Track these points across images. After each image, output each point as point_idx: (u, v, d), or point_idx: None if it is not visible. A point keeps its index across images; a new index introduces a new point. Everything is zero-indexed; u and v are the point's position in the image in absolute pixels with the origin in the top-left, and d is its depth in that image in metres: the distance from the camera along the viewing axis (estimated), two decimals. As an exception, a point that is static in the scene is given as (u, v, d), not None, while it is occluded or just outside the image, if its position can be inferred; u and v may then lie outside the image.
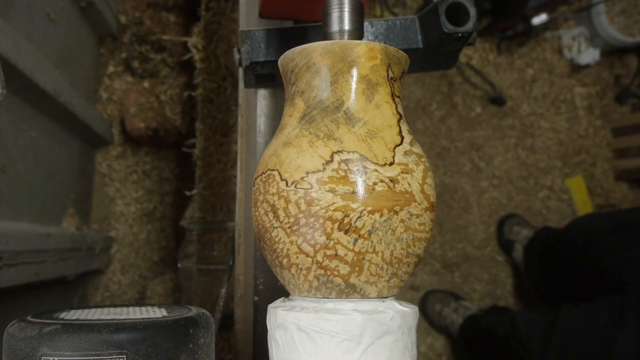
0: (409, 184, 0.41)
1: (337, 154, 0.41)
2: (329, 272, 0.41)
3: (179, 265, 1.48)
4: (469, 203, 1.94)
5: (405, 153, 0.42)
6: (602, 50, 2.01)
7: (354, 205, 0.40)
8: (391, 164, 0.41)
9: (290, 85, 0.46)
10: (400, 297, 0.48)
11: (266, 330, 0.45)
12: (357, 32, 0.46)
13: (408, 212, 0.41)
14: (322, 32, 0.47)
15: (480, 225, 1.93)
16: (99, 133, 1.67)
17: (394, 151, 0.41)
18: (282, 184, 0.41)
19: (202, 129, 1.44)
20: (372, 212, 0.40)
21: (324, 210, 0.40)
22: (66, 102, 1.35)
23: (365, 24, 0.61)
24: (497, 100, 1.97)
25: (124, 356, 0.42)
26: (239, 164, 0.82)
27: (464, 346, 1.71)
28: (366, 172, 0.40)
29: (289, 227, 0.41)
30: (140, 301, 1.75)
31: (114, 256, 1.80)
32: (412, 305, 0.45)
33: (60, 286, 1.47)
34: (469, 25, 0.55)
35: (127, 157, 1.84)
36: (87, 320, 0.44)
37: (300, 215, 0.41)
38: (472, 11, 0.55)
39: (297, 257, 0.41)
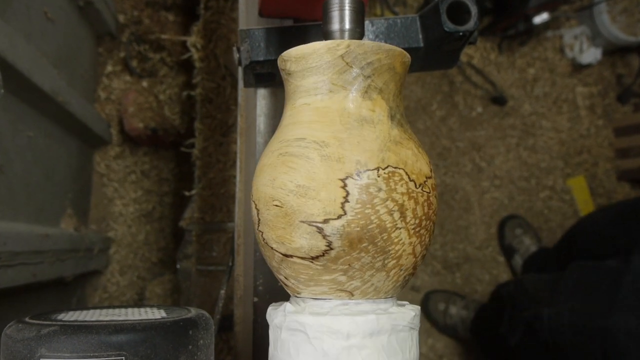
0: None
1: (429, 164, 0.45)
2: (414, 273, 0.45)
3: (178, 266, 1.48)
4: (470, 203, 1.94)
5: None
6: (603, 50, 2.00)
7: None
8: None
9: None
10: (401, 298, 0.48)
11: (266, 332, 0.45)
12: (358, 31, 0.46)
13: None
14: (322, 31, 0.47)
15: (482, 225, 1.93)
16: (97, 133, 1.67)
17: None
18: (412, 185, 0.41)
19: (201, 129, 1.44)
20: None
21: (435, 215, 0.44)
22: (64, 101, 1.35)
23: (366, 23, 0.60)
24: (499, 100, 1.97)
25: (123, 357, 0.41)
26: (238, 164, 0.81)
27: (477, 337, 1.72)
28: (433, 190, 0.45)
29: (413, 229, 0.42)
30: (139, 302, 1.74)
31: (113, 257, 1.80)
32: (414, 305, 0.45)
33: (59, 287, 1.47)
34: (470, 24, 0.55)
35: (126, 157, 1.83)
36: (86, 321, 0.44)
37: (423, 218, 0.42)
38: (474, 10, 0.55)
39: (407, 259, 0.42)
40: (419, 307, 0.45)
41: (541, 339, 1.28)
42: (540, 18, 1.87)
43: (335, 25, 0.45)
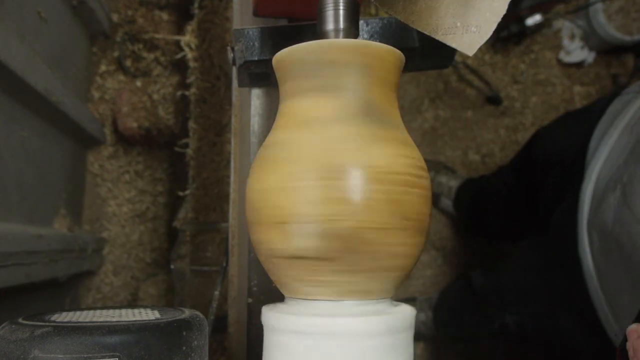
0: None
1: None
2: (409, 274, 0.46)
3: (172, 266, 1.48)
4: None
5: None
6: (599, 49, 2.01)
7: None
8: None
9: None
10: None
11: (260, 333, 0.45)
12: (353, 31, 0.46)
13: None
14: (317, 31, 0.47)
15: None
16: (91, 133, 1.67)
17: None
18: (401, 183, 0.43)
19: (195, 129, 1.44)
20: None
21: (426, 214, 0.44)
22: (58, 101, 1.35)
23: (361, 22, 0.60)
24: (494, 100, 1.97)
25: (116, 359, 0.41)
26: (232, 164, 0.81)
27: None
28: None
29: (404, 229, 0.42)
30: (133, 303, 1.74)
31: (106, 257, 1.79)
32: (409, 306, 0.45)
33: (52, 288, 1.46)
34: (466, 24, 0.55)
35: (120, 157, 1.83)
36: (79, 322, 0.44)
37: (414, 217, 0.43)
38: (469, 9, 0.55)
39: (399, 259, 0.43)
40: (414, 308, 0.45)
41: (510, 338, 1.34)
42: (533, 19, 1.87)
43: (329, 25, 0.45)
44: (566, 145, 1.23)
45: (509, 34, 1.95)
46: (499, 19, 0.44)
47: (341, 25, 0.45)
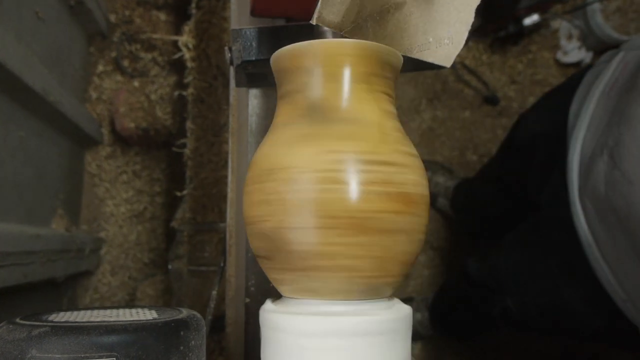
0: None
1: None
2: (405, 274, 0.45)
3: (170, 266, 1.48)
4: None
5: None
6: (597, 49, 2.01)
7: None
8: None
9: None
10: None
11: (258, 332, 0.45)
12: (350, 30, 0.46)
13: None
14: (314, 31, 0.47)
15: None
16: (89, 133, 1.66)
17: None
18: (380, 181, 0.42)
19: (192, 129, 1.44)
20: None
21: (413, 214, 0.44)
22: (55, 101, 1.35)
23: (358, 22, 0.60)
24: (491, 100, 1.97)
25: (114, 358, 0.41)
26: (230, 164, 0.81)
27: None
28: None
29: (388, 230, 0.42)
30: (130, 303, 1.74)
31: (104, 257, 1.79)
32: (405, 305, 0.45)
33: (50, 288, 1.46)
34: (463, 24, 0.55)
35: (117, 157, 1.83)
36: (77, 322, 0.44)
37: (400, 219, 0.43)
38: (466, 10, 0.55)
39: (391, 260, 0.43)
40: (409, 308, 0.44)
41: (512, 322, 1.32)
42: (531, 19, 1.87)
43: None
44: (546, 124, 1.22)
45: (506, 34, 1.95)
46: (469, 27, 0.45)
47: (338, 25, 0.45)
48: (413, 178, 0.42)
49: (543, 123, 1.26)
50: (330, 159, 0.40)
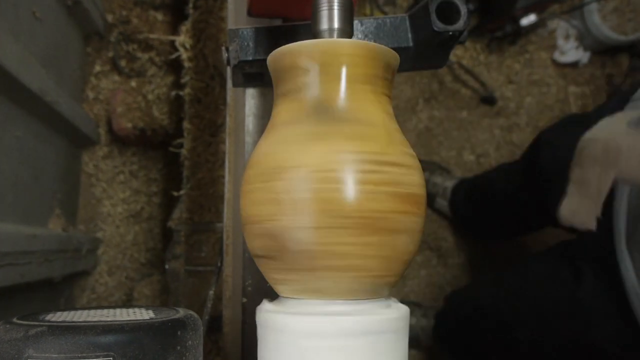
0: None
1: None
2: (401, 273, 0.45)
3: (167, 266, 1.48)
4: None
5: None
6: (594, 49, 2.01)
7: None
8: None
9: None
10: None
11: (255, 333, 0.45)
12: (347, 31, 0.46)
13: None
14: (311, 31, 0.47)
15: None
16: (86, 133, 1.66)
17: None
18: (377, 182, 0.42)
19: (189, 129, 1.44)
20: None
21: (408, 214, 0.43)
22: (52, 101, 1.34)
23: (355, 22, 0.60)
24: (488, 100, 1.97)
25: (111, 358, 0.41)
26: (227, 164, 0.81)
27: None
28: None
29: (385, 229, 0.42)
30: (127, 303, 1.74)
31: (101, 257, 1.79)
32: (402, 305, 0.45)
33: (47, 288, 1.46)
34: (460, 24, 0.55)
35: (114, 157, 1.83)
36: (74, 322, 0.44)
37: (397, 218, 0.42)
38: (463, 10, 0.55)
39: (386, 260, 0.43)
40: (406, 308, 0.44)
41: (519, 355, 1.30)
42: (528, 20, 1.88)
43: (324, 25, 0.45)
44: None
45: (503, 34, 1.95)
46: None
47: (335, 25, 0.45)
48: (418, 179, 0.43)
49: (571, 152, 1.20)
50: (342, 159, 0.40)
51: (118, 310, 0.50)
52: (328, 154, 0.40)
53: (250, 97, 0.77)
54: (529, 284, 1.27)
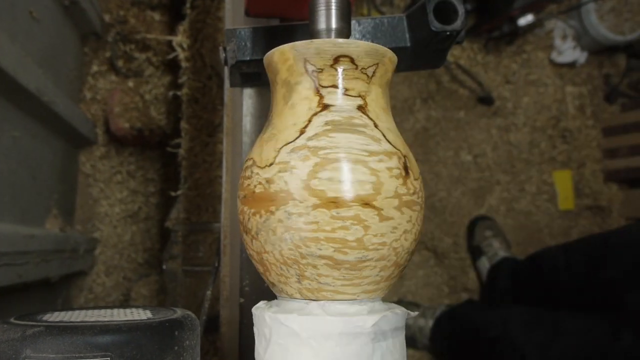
0: (286, 182, 0.40)
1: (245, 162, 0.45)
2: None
3: (164, 266, 1.48)
4: (459, 202, 1.95)
5: (294, 150, 0.40)
6: (591, 49, 2.01)
7: (245, 209, 0.43)
8: (270, 164, 0.41)
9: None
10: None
11: (252, 333, 0.45)
12: (344, 31, 0.45)
13: (285, 211, 0.40)
14: (308, 31, 0.47)
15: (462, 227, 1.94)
16: (83, 133, 1.66)
17: (278, 151, 0.41)
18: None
19: (187, 129, 1.44)
20: (254, 214, 0.41)
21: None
22: (49, 101, 1.34)
23: (353, 22, 0.60)
24: (486, 100, 1.97)
25: (108, 358, 0.41)
26: (224, 164, 0.81)
27: (440, 347, 1.69)
28: (252, 177, 0.42)
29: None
30: (125, 303, 1.73)
31: (98, 258, 1.79)
32: (399, 306, 0.45)
33: (44, 288, 1.46)
34: (457, 24, 0.55)
35: (112, 157, 1.83)
36: (71, 322, 0.44)
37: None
38: (460, 10, 0.55)
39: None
40: (404, 309, 0.44)
41: None
42: (525, 20, 1.88)
43: (321, 25, 0.45)
44: None
45: (501, 34, 1.95)
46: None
47: (333, 25, 0.45)
48: (420, 180, 0.44)
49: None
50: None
51: (115, 311, 0.50)
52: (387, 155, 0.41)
53: (248, 97, 0.77)
54: (568, 330, 1.28)
